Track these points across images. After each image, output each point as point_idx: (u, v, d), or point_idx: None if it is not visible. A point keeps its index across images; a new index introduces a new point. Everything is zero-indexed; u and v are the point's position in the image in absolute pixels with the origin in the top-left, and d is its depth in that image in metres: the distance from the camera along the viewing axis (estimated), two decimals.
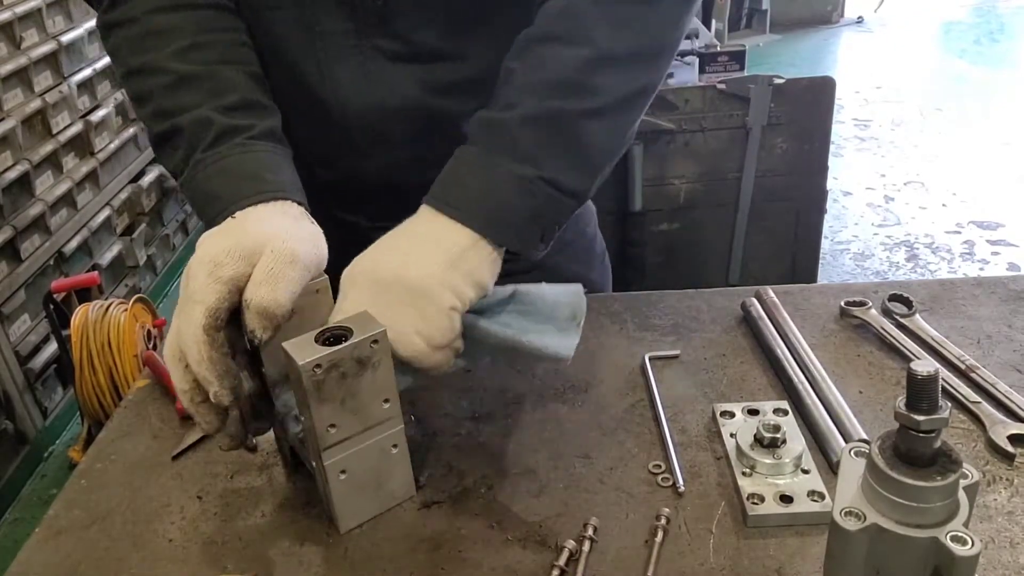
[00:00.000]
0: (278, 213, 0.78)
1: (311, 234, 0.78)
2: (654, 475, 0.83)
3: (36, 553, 0.81)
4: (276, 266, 0.71)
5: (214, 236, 0.75)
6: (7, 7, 2.58)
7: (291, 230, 0.76)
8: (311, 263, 0.75)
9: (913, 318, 1.02)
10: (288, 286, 0.71)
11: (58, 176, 2.80)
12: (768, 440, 0.81)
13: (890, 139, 4.63)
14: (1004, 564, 0.72)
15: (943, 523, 0.57)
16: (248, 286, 0.71)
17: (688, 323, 1.07)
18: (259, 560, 0.78)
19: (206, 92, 0.84)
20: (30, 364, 2.58)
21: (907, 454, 0.58)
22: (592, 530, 0.76)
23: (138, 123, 3.26)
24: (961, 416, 0.88)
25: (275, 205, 0.79)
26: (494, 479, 0.85)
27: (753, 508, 0.77)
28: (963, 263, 3.46)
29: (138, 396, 1.01)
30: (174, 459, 0.90)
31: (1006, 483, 0.80)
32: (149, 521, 0.83)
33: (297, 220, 0.79)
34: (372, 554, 0.77)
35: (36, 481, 2.58)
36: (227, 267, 0.71)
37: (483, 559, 0.76)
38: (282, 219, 0.78)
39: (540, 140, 0.79)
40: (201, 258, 0.72)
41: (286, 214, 0.79)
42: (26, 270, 2.58)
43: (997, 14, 6.91)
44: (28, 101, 2.66)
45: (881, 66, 5.74)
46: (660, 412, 0.91)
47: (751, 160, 2.64)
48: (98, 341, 2.28)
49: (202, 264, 0.72)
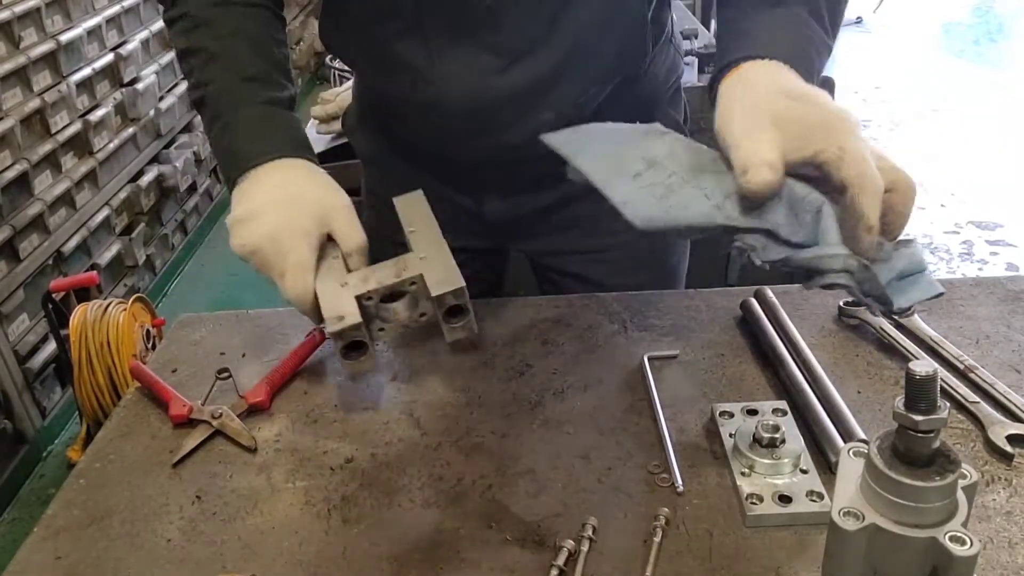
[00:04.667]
0: (301, 167, 0.98)
1: (328, 181, 0.98)
2: (653, 475, 0.83)
3: (34, 553, 0.81)
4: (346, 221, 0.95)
5: (276, 207, 0.93)
6: (6, 6, 2.58)
7: (322, 182, 0.97)
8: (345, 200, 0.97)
9: (912, 318, 1.02)
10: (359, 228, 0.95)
11: (57, 176, 2.80)
12: (767, 440, 0.81)
13: (889, 139, 4.63)
14: (1003, 564, 0.72)
15: (942, 523, 0.58)
16: (341, 244, 0.94)
17: (687, 323, 1.07)
18: (259, 560, 0.78)
19: (230, 64, 1.00)
20: (29, 364, 2.57)
21: (906, 454, 0.58)
22: (591, 530, 0.76)
23: (137, 123, 3.26)
24: (960, 416, 0.88)
25: (291, 161, 0.97)
26: (493, 479, 0.85)
27: (752, 508, 0.77)
28: (962, 263, 3.46)
29: (137, 396, 1.01)
30: (174, 467, 0.90)
31: (1005, 483, 0.80)
32: (148, 521, 0.83)
33: (313, 171, 0.98)
34: (371, 554, 0.77)
35: (34, 481, 2.57)
36: (313, 235, 0.92)
37: (482, 559, 0.76)
38: (307, 172, 0.98)
39: (835, 18, 0.92)
40: (285, 225, 0.91)
41: (308, 168, 0.98)
42: (25, 270, 2.58)
43: (997, 14, 6.91)
44: (27, 100, 2.65)
45: (880, 66, 5.74)
46: (659, 412, 0.91)
47: None
48: (97, 341, 2.28)
49: (294, 235, 0.91)
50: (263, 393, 0.97)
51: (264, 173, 0.95)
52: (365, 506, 0.83)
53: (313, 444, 0.92)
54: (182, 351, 1.10)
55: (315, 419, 0.95)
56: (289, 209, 0.93)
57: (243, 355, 1.07)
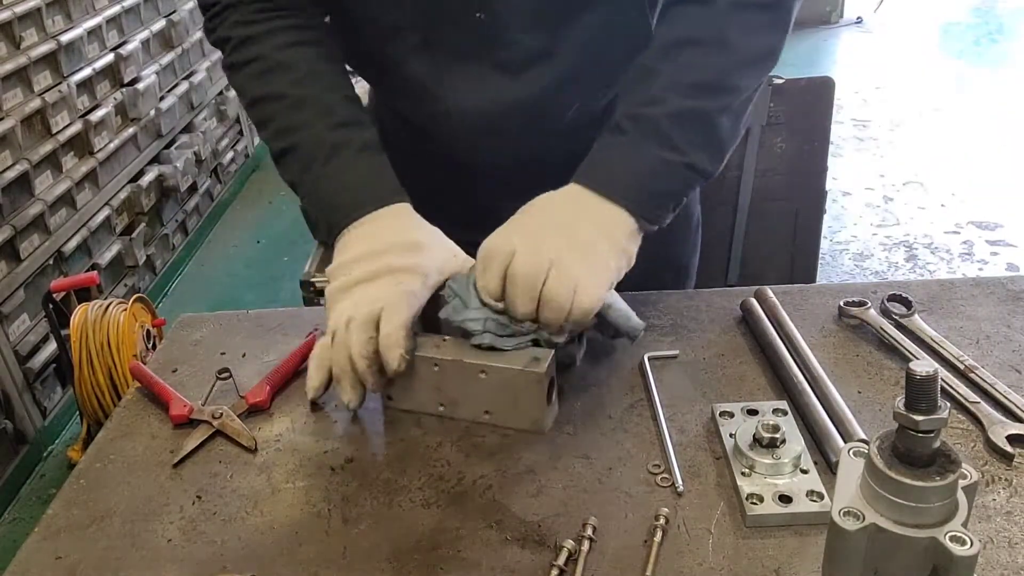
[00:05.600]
0: (410, 215, 0.96)
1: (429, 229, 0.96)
2: (653, 475, 0.83)
3: (35, 553, 0.81)
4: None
5: (390, 252, 0.91)
6: (6, 7, 2.58)
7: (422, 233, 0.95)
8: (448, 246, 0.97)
9: (912, 318, 1.02)
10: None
11: (57, 176, 2.80)
12: (767, 440, 0.81)
13: (889, 139, 4.62)
14: (1003, 564, 0.72)
15: (942, 523, 0.58)
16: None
17: (687, 323, 1.07)
18: (259, 560, 0.78)
19: (316, 112, 0.98)
20: (29, 364, 2.57)
21: (906, 454, 0.58)
22: (591, 530, 0.76)
23: (137, 123, 3.26)
24: (960, 416, 0.88)
25: (392, 208, 0.95)
26: (493, 479, 0.85)
27: (752, 508, 0.77)
28: (962, 263, 3.46)
29: (137, 396, 1.01)
30: (175, 467, 0.90)
31: (1005, 483, 0.80)
32: (148, 521, 0.83)
33: (416, 220, 0.96)
34: (371, 554, 0.77)
35: (35, 481, 2.57)
36: (412, 282, 0.90)
37: (482, 559, 0.76)
38: (408, 220, 0.96)
39: (685, 133, 0.91)
40: (383, 270, 0.90)
41: (412, 217, 0.96)
42: (25, 270, 2.58)
43: (996, 14, 6.90)
44: (27, 101, 2.65)
45: (880, 66, 5.73)
46: (659, 412, 0.91)
47: (750, 160, 2.64)
48: (97, 341, 2.28)
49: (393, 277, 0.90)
50: (263, 393, 0.97)
51: (371, 221, 0.94)
52: (365, 506, 0.83)
53: (313, 444, 0.92)
54: (182, 351, 1.10)
55: (315, 419, 0.95)
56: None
57: (243, 355, 1.07)
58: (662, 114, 0.91)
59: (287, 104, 0.98)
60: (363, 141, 0.98)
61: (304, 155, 0.97)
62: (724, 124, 0.93)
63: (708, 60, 0.92)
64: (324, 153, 0.96)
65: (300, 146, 0.98)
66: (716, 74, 0.92)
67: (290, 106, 0.98)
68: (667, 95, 0.91)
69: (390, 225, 0.94)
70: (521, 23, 0.99)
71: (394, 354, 0.87)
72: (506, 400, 0.89)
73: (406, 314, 0.88)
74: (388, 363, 0.87)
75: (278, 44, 0.99)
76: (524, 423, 0.90)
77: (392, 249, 0.91)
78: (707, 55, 0.92)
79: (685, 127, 0.91)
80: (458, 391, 0.91)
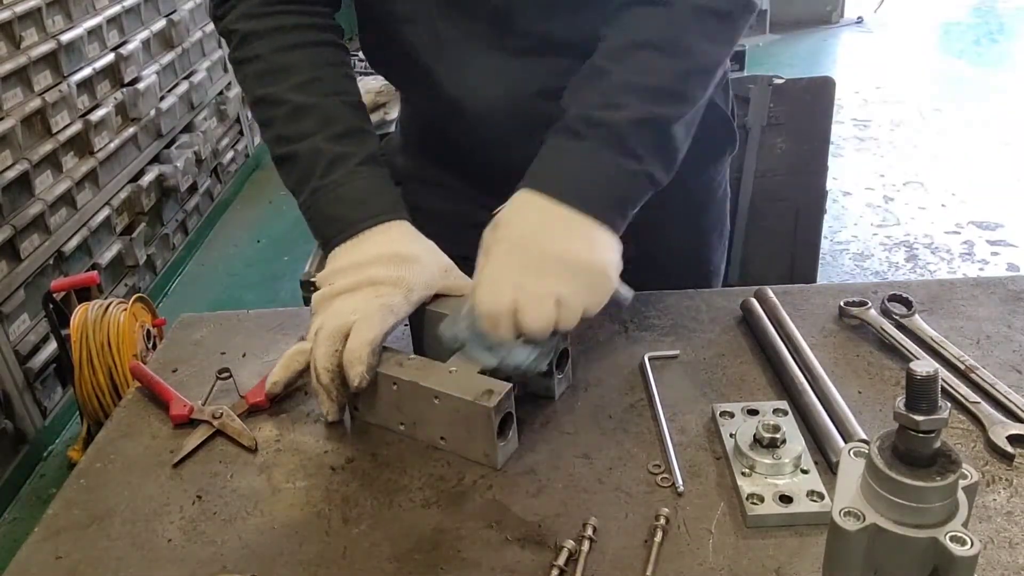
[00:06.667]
0: (402, 230, 0.95)
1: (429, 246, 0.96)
2: (653, 475, 0.83)
3: (35, 553, 0.81)
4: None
5: (374, 264, 0.91)
6: (7, 6, 2.58)
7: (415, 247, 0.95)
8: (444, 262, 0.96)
9: (912, 318, 1.02)
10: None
11: (57, 175, 2.80)
12: (767, 440, 0.81)
13: (889, 139, 4.62)
14: (1003, 564, 0.72)
15: (942, 523, 0.57)
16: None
17: (687, 323, 1.07)
18: (259, 560, 0.78)
19: (318, 121, 0.97)
20: (29, 363, 2.57)
21: (906, 454, 0.57)
22: (591, 530, 0.76)
23: (138, 123, 3.26)
24: (960, 416, 0.88)
25: (390, 225, 0.95)
26: (493, 479, 0.85)
27: (752, 508, 0.77)
28: (962, 263, 3.46)
29: (137, 396, 1.01)
30: (175, 467, 0.90)
31: (1005, 483, 0.80)
32: (148, 521, 0.83)
33: (408, 235, 0.95)
34: (372, 554, 0.77)
35: (35, 480, 2.57)
36: (392, 295, 0.90)
37: (482, 559, 0.76)
38: (401, 236, 0.95)
39: (643, 140, 0.89)
40: (365, 281, 0.90)
41: (403, 232, 0.95)
42: (25, 269, 2.58)
43: (997, 14, 6.90)
44: (27, 100, 2.65)
45: (881, 66, 5.73)
46: (659, 412, 0.91)
47: (750, 160, 2.64)
48: (97, 341, 2.28)
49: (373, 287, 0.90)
50: (263, 393, 0.97)
51: (368, 236, 0.94)
52: (365, 506, 0.83)
53: (313, 444, 0.92)
54: (183, 351, 1.10)
55: (315, 419, 0.95)
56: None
57: (243, 355, 1.07)
58: (622, 120, 0.88)
59: (287, 110, 0.97)
60: (362, 154, 0.97)
61: (302, 166, 0.97)
62: (679, 134, 0.92)
63: (666, 64, 0.90)
64: (322, 166, 0.95)
65: (299, 156, 0.97)
66: (673, 79, 0.90)
67: (290, 113, 0.97)
68: (627, 99, 0.89)
69: (379, 239, 0.94)
70: (536, 10, 0.98)
71: (356, 370, 0.86)
72: (459, 429, 0.86)
73: (377, 329, 0.87)
74: (349, 379, 0.87)
75: (282, 44, 0.99)
76: (477, 455, 0.87)
77: (377, 261, 0.91)
78: (665, 59, 0.90)
79: (644, 135, 0.89)
80: (416, 413, 0.89)
